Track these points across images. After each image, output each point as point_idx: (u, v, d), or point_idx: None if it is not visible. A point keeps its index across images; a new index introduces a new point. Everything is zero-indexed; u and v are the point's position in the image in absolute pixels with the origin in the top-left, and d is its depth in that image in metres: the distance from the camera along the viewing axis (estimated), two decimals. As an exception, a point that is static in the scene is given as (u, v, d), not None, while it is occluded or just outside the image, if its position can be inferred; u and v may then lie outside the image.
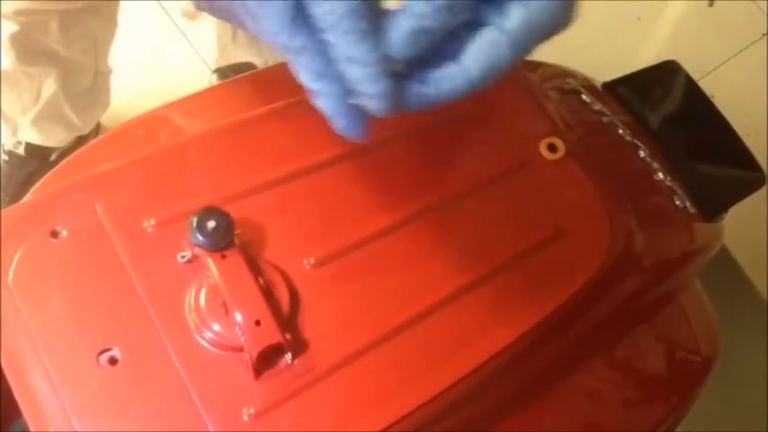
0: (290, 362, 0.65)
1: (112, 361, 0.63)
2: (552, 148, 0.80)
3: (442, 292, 0.71)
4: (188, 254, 0.68)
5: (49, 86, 1.40)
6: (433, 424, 0.70)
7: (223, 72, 1.55)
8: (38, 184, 0.75)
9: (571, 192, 0.78)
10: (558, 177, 0.79)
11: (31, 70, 1.38)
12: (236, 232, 0.66)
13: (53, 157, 1.57)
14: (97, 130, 1.64)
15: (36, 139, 1.49)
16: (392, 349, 0.69)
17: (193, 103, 0.94)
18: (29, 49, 1.34)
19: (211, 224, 0.65)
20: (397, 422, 0.66)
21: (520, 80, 0.85)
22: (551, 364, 0.82)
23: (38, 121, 1.44)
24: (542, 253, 0.74)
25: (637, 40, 2.30)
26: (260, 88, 0.90)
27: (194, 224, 0.65)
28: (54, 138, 1.50)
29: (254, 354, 0.63)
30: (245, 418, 0.63)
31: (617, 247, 0.80)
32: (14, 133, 1.49)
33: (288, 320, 0.66)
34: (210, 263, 0.65)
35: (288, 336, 0.64)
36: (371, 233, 0.72)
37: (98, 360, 0.63)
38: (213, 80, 1.45)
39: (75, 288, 0.65)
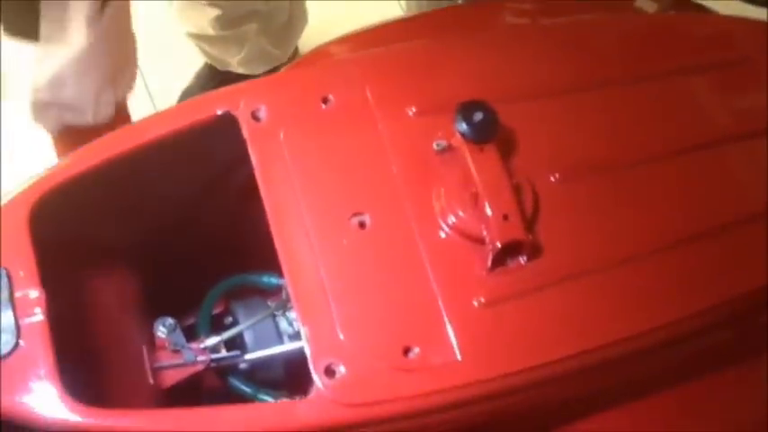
0: (523, 263, 0.67)
1: (362, 225, 0.67)
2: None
3: (673, 234, 0.71)
4: (444, 143, 0.70)
5: (252, 37, 1.48)
6: (630, 360, 0.70)
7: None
8: (297, 57, 0.80)
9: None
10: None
11: (235, 31, 1.46)
12: (497, 130, 0.68)
13: None
14: (294, 54, 1.71)
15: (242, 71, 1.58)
16: (615, 277, 0.69)
17: (433, 18, 0.98)
18: (231, 18, 1.42)
19: (478, 116, 0.67)
20: (600, 348, 0.67)
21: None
22: (751, 336, 0.80)
23: (243, 63, 1.53)
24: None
25: None
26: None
27: (461, 113, 0.68)
28: (257, 70, 1.58)
29: (498, 245, 0.65)
30: (475, 304, 0.65)
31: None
32: (224, 67, 1.58)
33: (530, 224, 0.68)
34: (468, 153, 0.67)
35: (529, 237, 0.66)
36: (619, 163, 0.73)
37: (350, 221, 0.67)
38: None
39: (337, 152, 0.70)
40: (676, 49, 0.84)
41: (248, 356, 0.77)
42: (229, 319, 0.80)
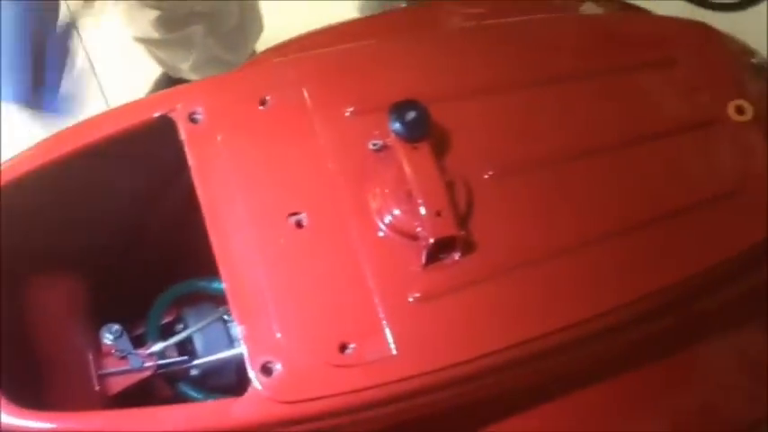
0: (457, 258, 0.69)
1: (299, 224, 0.68)
2: (740, 110, 0.80)
3: (610, 225, 0.73)
4: (379, 143, 0.72)
5: (199, 39, 1.47)
6: (566, 350, 0.72)
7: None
8: (251, 59, 0.80)
9: (753, 155, 0.78)
10: (741, 139, 0.78)
11: (180, 34, 1.45)
12: (429, 129, 0.70)
13: None
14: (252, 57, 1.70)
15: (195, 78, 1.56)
16: (550, 269, 0.71)
17: (380, 20, 0.99)
18: (173, 19, 1.41)
19: (410, 115, 0.69)
20: (537, 339, 0.69)
21: (717, 42, 0.85)
22: (688, 324, 0.82)
23: (195, 67, 1.52)
24: (715, 208, 0.75)
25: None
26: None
27: (394, 112, 0.69)
28: (212, 74, 1.56)
29: (431, 241, 0.66)
30: (410, 300, 0.67)
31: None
32: (176, 74, 1.58)
33: (463, 220, 0.69)
34: (402, 152, 0.69)
35: (462, 233, 0.68)
36: (551, 158, 0.75)
37: (287, 220, 0.68)
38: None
39: (275, 153, 0.71)
40: (614, 48, 0.86)
41: (196, 362, 0.77)
42: (180, 327, 0.81)
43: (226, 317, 0.78)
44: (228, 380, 0.78)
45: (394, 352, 0.64)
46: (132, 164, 0.76)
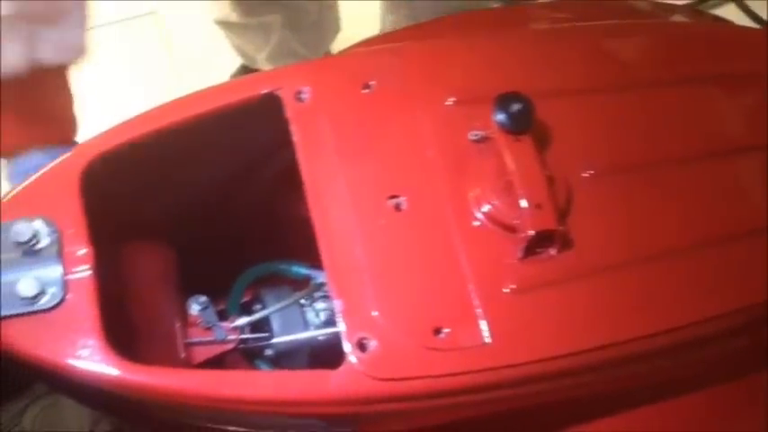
0: (553, 254, 0.68)
1: (398, 207, 0.69)
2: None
3: (708, 234, 0.72)
4: (480, 133, 0.72)
5: (277, 29, 1.49)
6: (651, 358, 0.71)
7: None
8: (352, 45, 0.82)
9: None
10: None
11: (258, 20, 1.48)
12: (533, 122, 0.70)
13: None
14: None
15: None
16: (646, 272, 0.71)
17: (472, 18, 1.00)
18: (252, 5, 1.44)
19: (515, 106, 0.69)
20: (628, 342, 0.68)
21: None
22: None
23: (271, 58, 1.55)
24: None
25: None
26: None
27: (499, 103, 0.69)
28: None
29: (530, 234, 0.66)
30: (505, 291, 0.67)
31: None
32: (253, 64, 1.60)
33: (561, 216, 0.69)
34: (504, 143, 0.69)
35: (561, 227, 0.68)
36: (647, 163, 0.75)
37: (387, 202, 0.69)
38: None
39: (376, 136, 0.71)
40: (705, 57, 0.86)
41: (276, 340, 0.78)
42: (258, 306, 0.82)
43: (303, 301, 0.80)
44: (299, 363, 0.79)
45: (487, 340, 0.64)
46: (232, 138, 0.77)
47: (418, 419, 0.68)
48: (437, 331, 0.64)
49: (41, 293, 0.59)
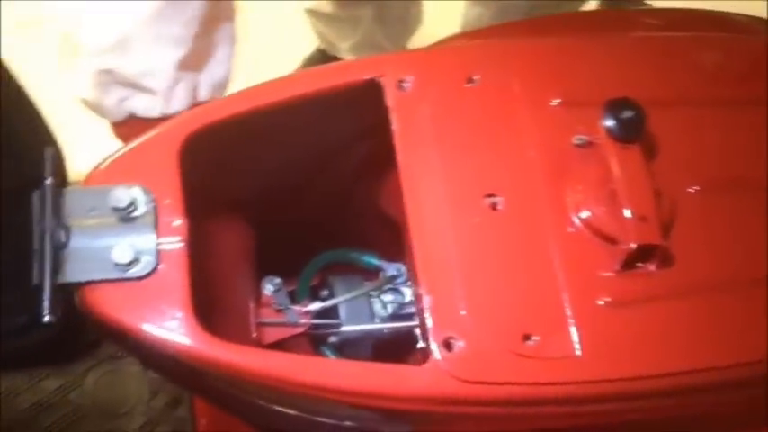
0: (652, 269, 0.65)
1: (494, 206, 0.67)
2: None
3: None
4: (585, 138, 0.69)
5: (366, 22, 1.49)
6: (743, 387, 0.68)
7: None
8: (448, 38, 0.80)
9: None
10: None
11: (349, 12, 1.47)
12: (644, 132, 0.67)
13: None
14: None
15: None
16: (747, 297, 0.67)
17: (573, 19, 0.97)
18: None
19: (626, 113, 0.66)
20: (727, 367, 0.65)
21: None
22: None
23: (354, 49, 1.54)
24: None
25: None
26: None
27: (609, 109, 0.67)
28: None
29: (632, 247, 0.63)
30: (600, 303, 0.64)
31: None
32: (332, 51, 1.59)
33: (665, 231, 0.66)
34: (612, 151, 0.66)
35: (664, 243, 0.65)
36: (760, 181, 0.71)
37: (483, 200, 0.67)
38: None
39: (477, 132, 0.69)
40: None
41: (346, 328, 0.78)
42: (325, 293, 0.81)
43: (372, 293, 0.79)
44: (363, 353, 0.79)
45: (578, 353, 0.62)
46: (322, 124, 0.76)
47: (493, 425, 0.67)
48: (526, 337, 0.62)
49: (135, 261, 0.59)
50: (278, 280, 0.79)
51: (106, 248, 0.59)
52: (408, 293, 0.78)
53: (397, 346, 0.79)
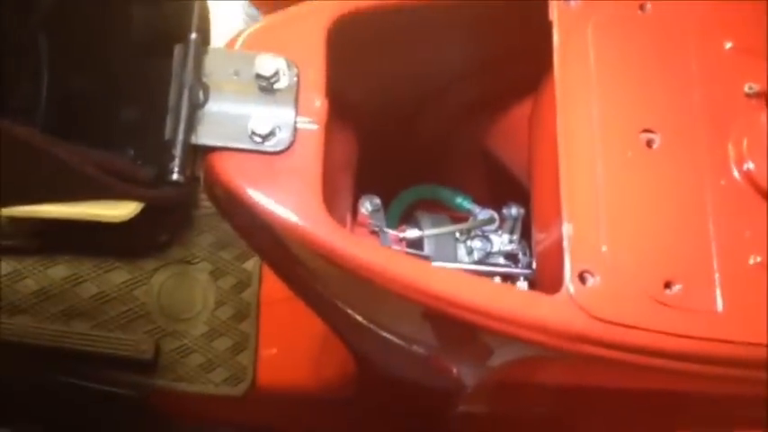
0: (811, 236, 0.60)
1: (650, 143, 0.62)
2: None
3: None
4: (757, 87, 0.64)
5: None
6: None
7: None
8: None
9: None
10: None
11: None
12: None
13: None
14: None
15: None
16: None
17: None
18: None
19: (813, 65, 0.61)
20: None
21: None
22: None
23: None
24: None
25: None
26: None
27: (797, 57, 0.61)
28: None
29: (797, 206, 0.59)
30: (751, 261, 0.59)
31: None
32: None
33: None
34: (789, 102, 0.61)
35: (832, 208, 0.59)
36: None
37: (639, 135, 0.62)
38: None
39: (641, 63, 0.64)
40: None
41: (437, 263, 0.74)
42: (411, 225, 0.78)
43: (459, 237, 0.76)
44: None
45: (720, 309, 0.57)
46: (457, 38, 0.72)
47: (610, 375, 0.63)
48: (668, 285, 0.57)
49: (271, 134, 0.56)
50: (377, 200, 0.76)
51: (243, 116, 0.56)
52: (497, 242, 0.75)
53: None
